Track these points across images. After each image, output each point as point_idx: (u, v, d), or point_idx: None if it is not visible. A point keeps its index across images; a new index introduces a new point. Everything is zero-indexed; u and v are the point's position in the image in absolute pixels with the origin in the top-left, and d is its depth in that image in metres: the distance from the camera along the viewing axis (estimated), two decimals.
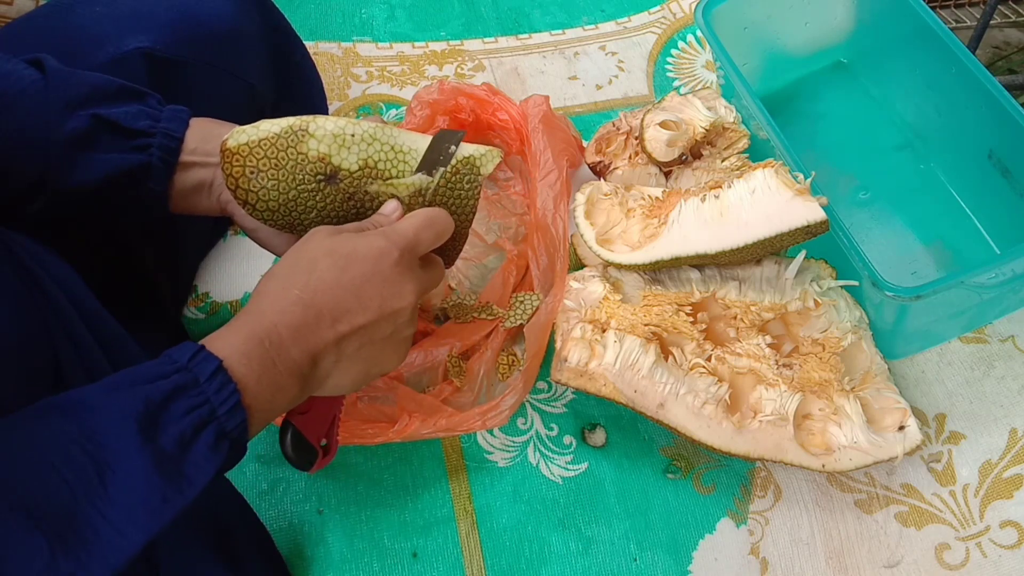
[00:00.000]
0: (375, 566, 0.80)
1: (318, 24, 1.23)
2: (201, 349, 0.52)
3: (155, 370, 0.50)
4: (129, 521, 0.46)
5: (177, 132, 0.67)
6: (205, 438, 0.50)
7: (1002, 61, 1.40)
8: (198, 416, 0.50)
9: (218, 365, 0.51)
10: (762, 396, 0.81)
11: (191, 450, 0.49)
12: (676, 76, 1.21)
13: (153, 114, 0.67)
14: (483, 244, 1.00)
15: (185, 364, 0.51)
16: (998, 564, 0.82)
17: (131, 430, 0.47)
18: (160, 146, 0.66)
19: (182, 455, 0.49)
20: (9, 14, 0.97)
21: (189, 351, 0.51)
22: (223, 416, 0.51)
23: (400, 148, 0.68)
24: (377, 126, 0.67)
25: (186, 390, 0.50)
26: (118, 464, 0.46)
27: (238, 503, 0.77)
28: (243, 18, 0.86)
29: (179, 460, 0.49)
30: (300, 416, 0.64)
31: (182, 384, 0.50)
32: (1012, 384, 0.92)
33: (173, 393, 0.49)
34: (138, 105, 0.67)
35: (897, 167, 1.06)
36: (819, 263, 0.89)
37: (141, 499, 0.47)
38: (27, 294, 0.57)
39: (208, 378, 0.51)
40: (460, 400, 0.86)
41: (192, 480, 0.49)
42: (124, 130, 0.65)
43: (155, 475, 0.47)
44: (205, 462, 0.50)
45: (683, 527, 0.83)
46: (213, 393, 0.51)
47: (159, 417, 0.48)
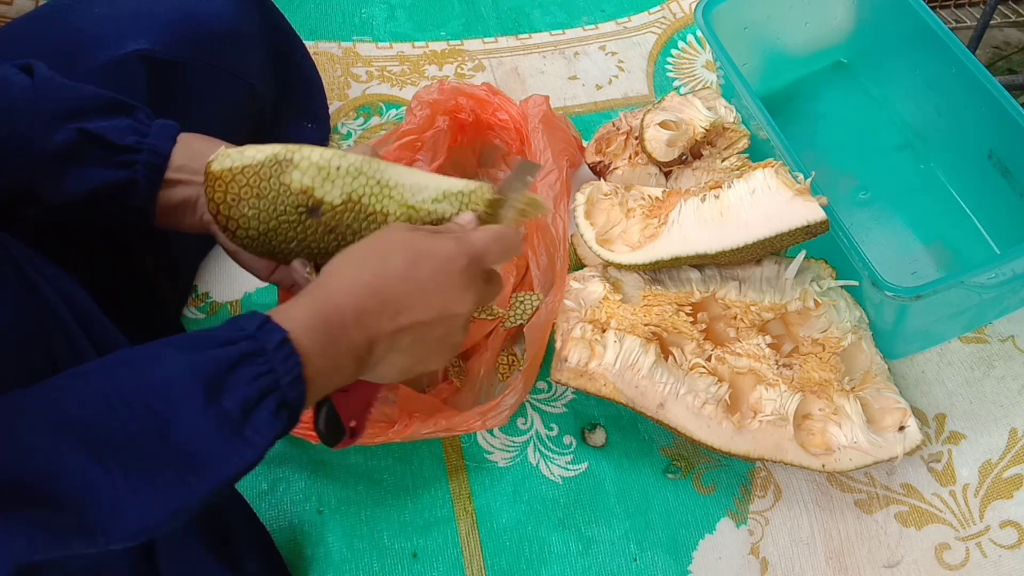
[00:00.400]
0: (375, 566, 0.80)
1: (318, 24, 1.23)
2: (268, 320, 0.53)
3: (224, 335, 0.52)
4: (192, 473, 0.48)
5: (163, 149, 0.66)
6: (267, 405, 0.51)
7: (1002, 61, 1.40)
8: (263, 383, 0.51)
9: (285, 336, 0.52)
10: (762, 396, 0.81)
11: (253, 416, 0.50)
12: (676, 76, 1.21)
13: (141, 129, 0.66)
14: None
15: (253, 332, 0.52)
16: (998, 564, 0.82)
17: (198, 390, 0.48)
18: (146, 163, 0.66)
19: (244, 419, 0.50)
20: (9, 14, 0.97)
21: (257, 320, 0.53)
22: (286, 385, 0.52)
23: (386, 183, 0.66)
24: (364, 159, 0.66)
25: (253, 357, 0.51)
26: (181, 420, 0.48)
27: (238, 503, 0.77)
28: (243, 18, 0.86)
29: (241, 424, 0.50)
30: (340, 395, 0.64)
31: (249, 351, 0.51)
32: (1012, 384, 0.92)
33: (241, 359, 0.50)
34: (126, 119, 0.66)
35: (897, 167, 1.06)
36: (819, 263, 0.89)
37: (204, 456, 0.48)
38: (24, 297, 0.57)
39: (275, 348, 0.52)
40: (460, 400, 0.86)
41: (252, 443, 0.50)
42: (111, 145, 0.65)
43: (217, 436, 0.49)
44: (266, 428, 0.51)
45: (683, 527, 0.83)
46: (279, 363, 0.52)
47: (225, 380, 0.50)
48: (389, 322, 0.59)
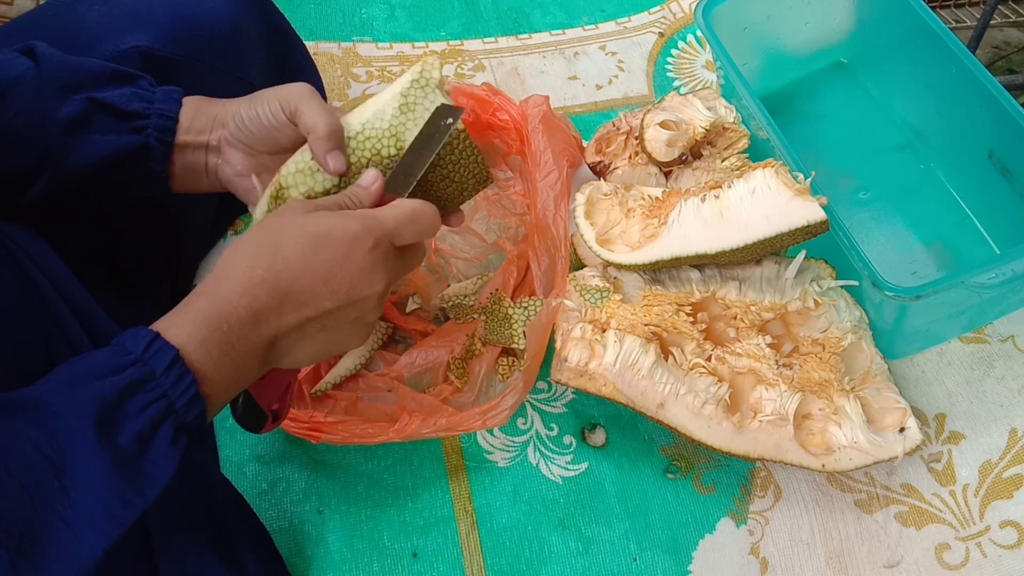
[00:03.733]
0: (375, 566, 0.80)
1: (318, 24, 1.23)
2: (156, 338, 0.49)
3: (109, 362, 0.48)
4: (90, 526, 0.45)
5: (172, 112, 0.67)
6: (164, 433, 0.48)
7: (1002, 61, 1.40)
8: (155, 411, 0.48)
9: (175, 356, 0.49)
10: (762, 396, 0.81)
11: (150, 447, 0.47)
12: (676, 76, 1.21)
13: (147, 96, 0.67)
14: (483, 244, 1.00)
15: (140, 356, 0.48)
16: (998, 564, 0.82)
17: (89, 431, 0.45)
18: (156, 127, 0.67)
19: (141, 453, 0.47)
20: (9, 14, 0.97)
21: (143, 340, 0.49)
22: (181, 409, 0.49)
23: (354, 135, 0.68)
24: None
25: (142, 385, 0.48)
26: (77, 467, 0.45)
27: (238, 503, 0.77)
28: (243, 18, 0.86)
29: (138, 459, 0.47)
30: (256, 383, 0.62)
31: (138, 379, 0.48)
32: (1012, 384, 0.92)
33: (129, 388, 0.47)
34: (131, 88, 0.67)
35: (897, 167, 1.06)
36: (819, 263, 0.89)
37: (102, 503, 0.45)
38: (23, 294, 0.56)
39: (165, 370, 0.48)
40: (460, 400, 0.86)
41: (153, 479, 0.47)
42: (120, 112, 0.65)
43: (115, 477, 0.45)
44: (165, 459, 0.48)
45: (683, 527, 0.83)
46: (171, 386, 0.48)
47: (116, 415, 0.46)
48: (292, 315, 0.55)
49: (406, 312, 0.94)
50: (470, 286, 0.94)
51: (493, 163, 1.05)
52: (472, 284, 0.94)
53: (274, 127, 0.68)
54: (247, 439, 0.86)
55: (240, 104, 0.69)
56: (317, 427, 0.79)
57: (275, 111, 0.68)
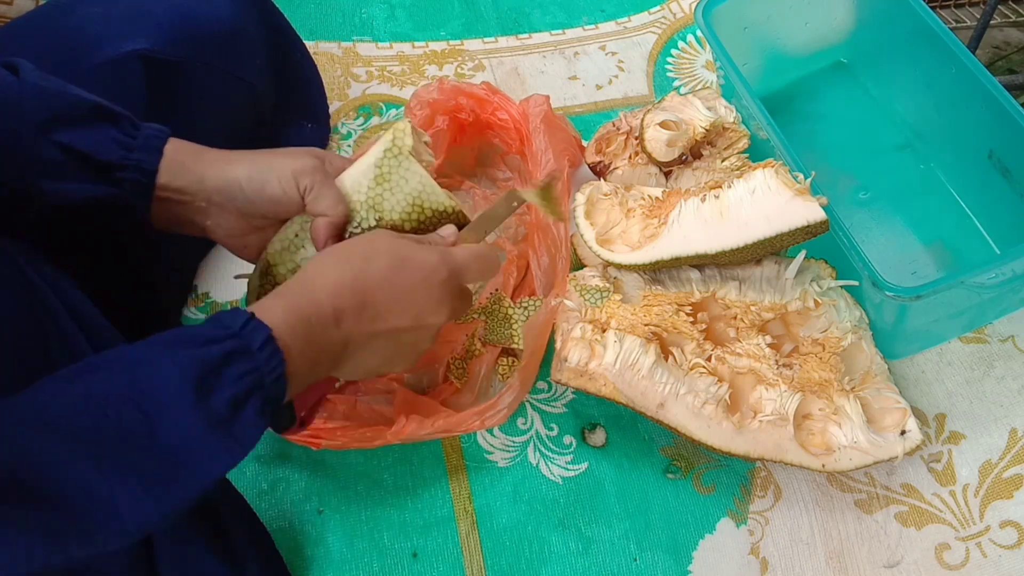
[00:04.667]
0: (375, 566, 0.80)
1: (318, 24, 1.23)
2: (253, 317, 0.53)
3: (209, 333, 0.51)
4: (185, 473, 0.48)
5: (150, 165, 0.64)
6: (254, 403, 0.51)
7: (1002, 61, 1.40)
8: (248, 382, 0.51)
9: (269, 334, 0.52)
10: (762, 396, 0.81)
11: (242, 413, 0.51)
12: (676, 76, 1.21)
13: (126, 142, 0.64)
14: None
15: (238, 330, 0.52)
16: (998, 564, 0.82)
17: (188, 388, 0.48)
18: (132, 180, 0.64)
19: (233, 418, 0.50)
20: (9, 14, 0.97)
21: (241, 318, 0.53)
22: (270, 383, 0.52)
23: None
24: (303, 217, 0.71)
25: (239, 356, 0.51)
26: (171, 420, 0.48)
27: (238, 503, 0.77)
28: (243, 18, 0.86)
29: (230, 422, 0.50)
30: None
31: (235, 350, 0.51)
32: (1012, 384, 0.92)
33: (227, 357, 0.51)
34: (112, 129, 0.64)
35: (897, 167, 1.06)
36: (819, 263, 0.89)
37: (195, 455, 0.49)
38: (22, 299, 0.56)
39: (260, 346, 0.52)
40: (460, 401, 0.86)
41: (241, 441, 0.51)
42: (95, 162, 0.63)
43: (209, 433, 0.49)
44: (253, 425, 0.52)
45: (683, 527, 0.83)
46: (263, 361, 0.52)
47: (213, 379, 0.50)
48: (368, 324, 0.59)
49: None
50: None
51: (492, 163, 1.05)
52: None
53: (280, 200, 0.68)
54: None
55: (238, 166, 0.67)
56: (317, 434, 0.79)
57: (288, 187, 0.68)
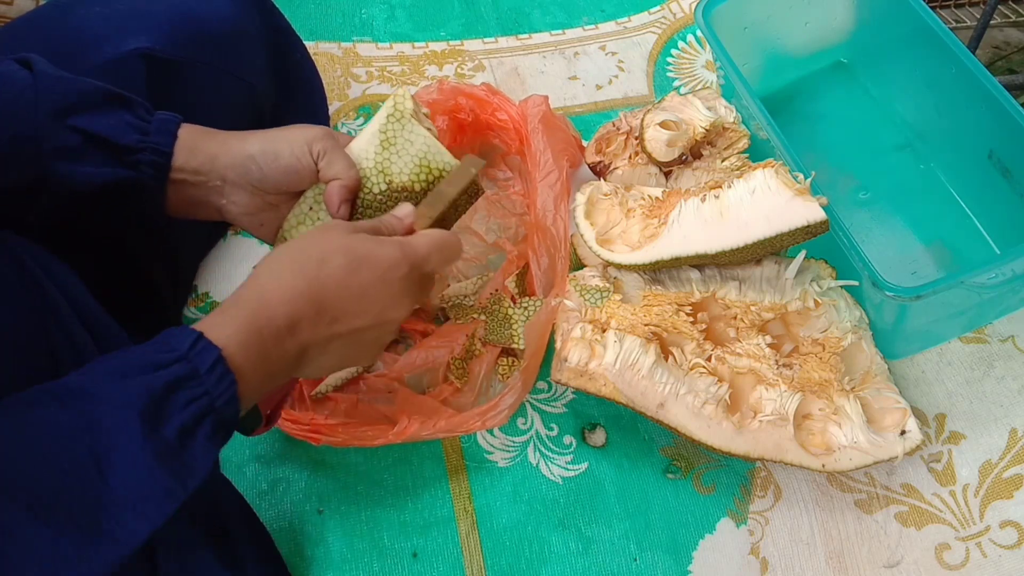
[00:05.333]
0: (375, 566, 0.80)
1: (318, 24, 1.23)
2: (200, 337, 0.51)
3: (154, 358, 0.50)
4: (134, 514, 0.46)
5: (166, 146, 0.65)
6: (204, 429, 0.50)
7: (1002, 61, 1.40)
8: (198, 407, 0.49)
9: (218, 355, 0.51)
10: (762, 396, 0.81)
11: (193, 442, 0.49)
12: (676, 76, 1.21)
13: (141, 126, 0.65)
14: (483, 244, 1.00)
15: (185, 353, 0.50)
16: (998, 564, 0.82)
17: (135, 422, 0.47)
18: (149, 162, 0.65)
19: (184, 447, 0.49)
20: (9, 14, 0.97)
21: (188, 339, 0.51)
22: (221, 407, 0.51)
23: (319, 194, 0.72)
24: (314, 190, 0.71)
25: (187, 381, 0.49)
26: (120, 456, 0.46)
27: (238, 503, 0.77)
28: (243, 18, 0.86)
29: (181, 452, 0.48)
30: None
31: (183, 375, 0.49)
32: (1012, 384, 0.92)
33: (175, 383, 0.49)
34: (127, 114, 0.65)
35: (897, 167, 1.06)
36: (819, 263, 0.89)
37: (146, 491, 0.47)
38: (27, 295, 0.56)
39: (209, 369, 0.50)
40: (460, 401, 0.86)
41: (193, 471, 0.49)
42: (112, 145, 0.64)
43: (157, 467, 0.47)
44: (205, 453, 0.50)
45: (683, 527, 0.83)
46: (213, 384, 0.50)
47: (161, 408, 0.48)
48: (325, 328, 0.58)
49: None
50: (470, 286, 0.94)
51: (492, 163, 1.05)
52: (472, 284, 0.94)
53: (295, 170, 0.68)
54: (247, 440, 0.86)
55: (249, 142, 0.68)
56: (317, 429, 0.79)
57: (301, 154, 0.68)
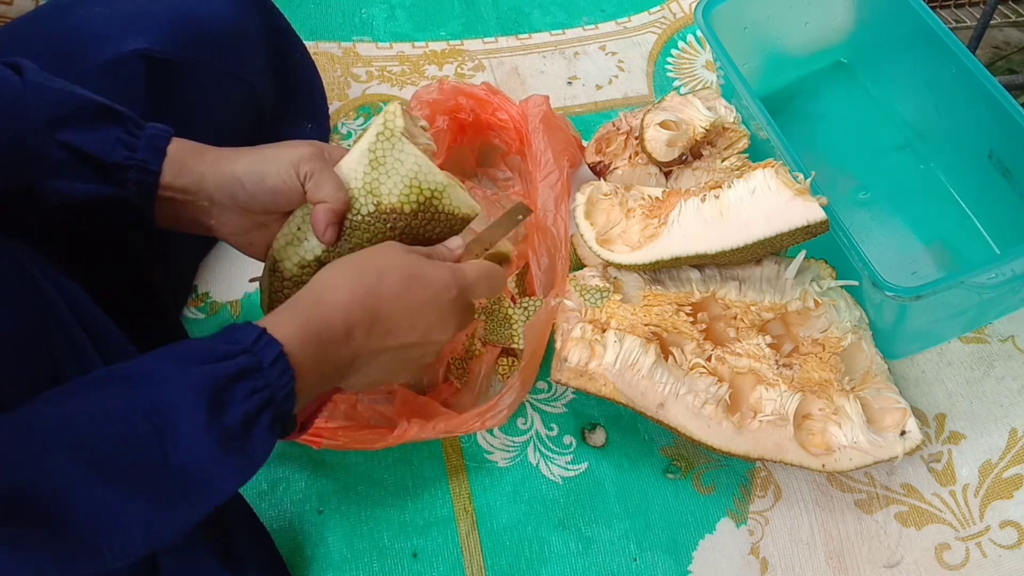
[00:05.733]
0: (375, 566, 0.80)
1: (318, 24, 1.23)
2: (264, 333, 0.53)
3: (221, 348, 0.51)
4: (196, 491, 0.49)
5: (153, 165, 0.65)
6: (264, 420, 0.51)
7: (1002, 61, 1.40)
8: (260, 398, 0.51)
9: (281, 351, 0.52)
10: (762, 396, 0.81)
11: (254, 430, 0.51)
12: (676, 76, 1.21)
13: (130, 142, 0.64)
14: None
15: (250, 346, 0.52)
16: (998, 564, 0.82)
17: (201, 407, 0.48)
18: (136, 180, 0.64)
19: (246, 435, 0.50)
20: (9, 14, 0.97)
21: (253, 333, 0.53)
22: (281, 400, 0.53)
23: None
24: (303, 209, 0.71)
25: (251, 373, 0.51)
26: (183, 437, 0.48)
27: (238, 503, 0.77)
28: (243, 18, 0.86)
29: (242, 439, 0.50)
30: None
31: (247, 366, 0.51)
32: (1012, 384, 0.92)
33: (239, 374, 0.51)
34: (116, 129, 0.64)
35: (897, 167, 1.06)
36: (819, 263, 0.89)
37: (208, 472, 0.49)
38: (26, 296, 0.56)
39: (272, 363, 0.52)
40: (460, 401, 0.86)
41: (253, 458, 0.51)
42: (99, 163, 0.63)
43: (221, 451, 0.49)
44: (264, 442, 0.52)
45: (683, 527, 0.83)
46: (275, 378, 0.52)
47: (225, 396, 0.50)
48: (377, 340, 0.60)
49: None
50: None
51: (492, 163, 1.05)
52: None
53: (280, 191, 0.67)
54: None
55: (237, 162, 0.67)
56: (318, 433, 0.79)
57: (288, 176, 0.67)
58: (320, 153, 0.69)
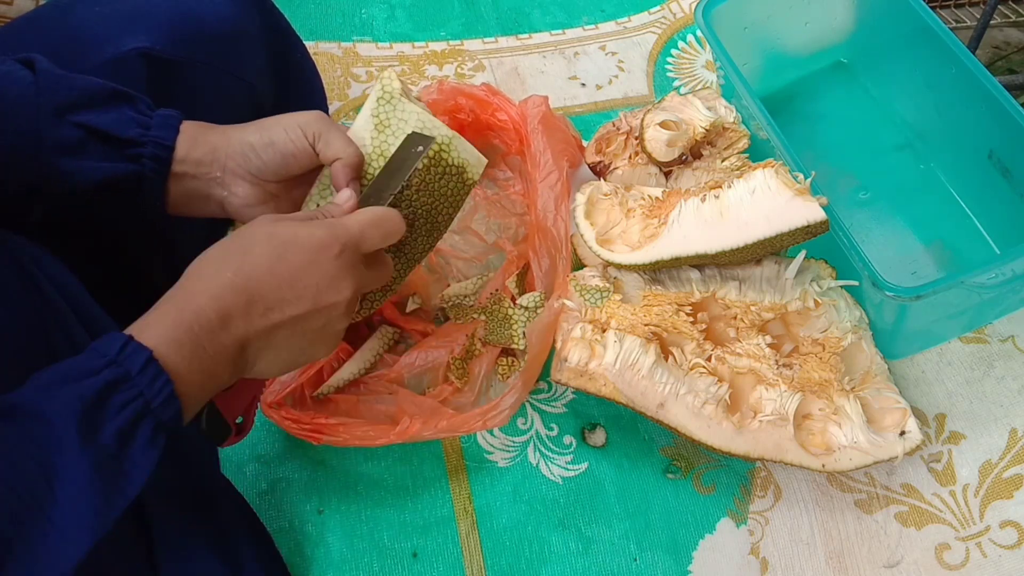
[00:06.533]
0: (375, 566, 0.80)
1: (318, 24, 1.23)
2: (129, 340, 0.50)
3: (85, 365, 0.49)
4: (76, 525, 0.45)
5: (167, 140, 0.65)
6: (143, 432, 0.49)
7: (1002, 61, 1.40)
8: (133, 410, 0.48)
9: (148, 356, 0.49)
10: (762, 396, 0.81)
11: (131, 445, 0.48)
12: (676, 76, 1.21)
13: (143, 121, 0.65)
14: (483, 244, 1.00)
15: (115, 357, 0.49)
16: (998, 564, 0.82)
17: (72, 432, 0.46)
18: (151, 156, 0.65)
19: (122, 451, 0.48)
20: (9, 14, 0.97)
21: (117, 343, 0.50)
22: (158, 408, 0.50)
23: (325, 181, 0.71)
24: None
25: (119, 384, 0.48)
26: (63, 469, 0.45)
27: (238, 503, 0.77)
28: (243, 18, 0.86)
29: (119, 457, 0.48)
30: (222, 393, 0.62)
31: (114, 379, 0.48)
32: (1012, 384, 0.92)
33: (107, 388, 0.48)
34: (128, 110, 0.65)
35: (897, 167, 1.06)
36: (819, 263, 0.89)
37: (86, 502, 0.46)
38: (26, 296, 0.56)
39: (140, 370, 0.49)
40: (460, 401, 0.86)
41: (132, 478, 0.48)
42: (114, 139, 0.64)
43: (96, 476, 0.46)
44: (144, 457, 0.49)
45: (683, 527, 0.83)
46: (146, 385, 0.49)
47: (96, 415, 0.47)
48: (260, 319, 0.56)
49: (406, 312, 0.94)
50: (470, 286, 0.94)
51: (492, 163, 1.05)
52: (472, 284, 0.94)
53: (291, 153, 0.67)
54: (247, 440, 0.86)
55: (247, 132, 0.68)
56: (318, 428, 0.79)
57: (296, 137, 0.67)
58: (324, 116, 0.70)
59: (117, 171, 0.64)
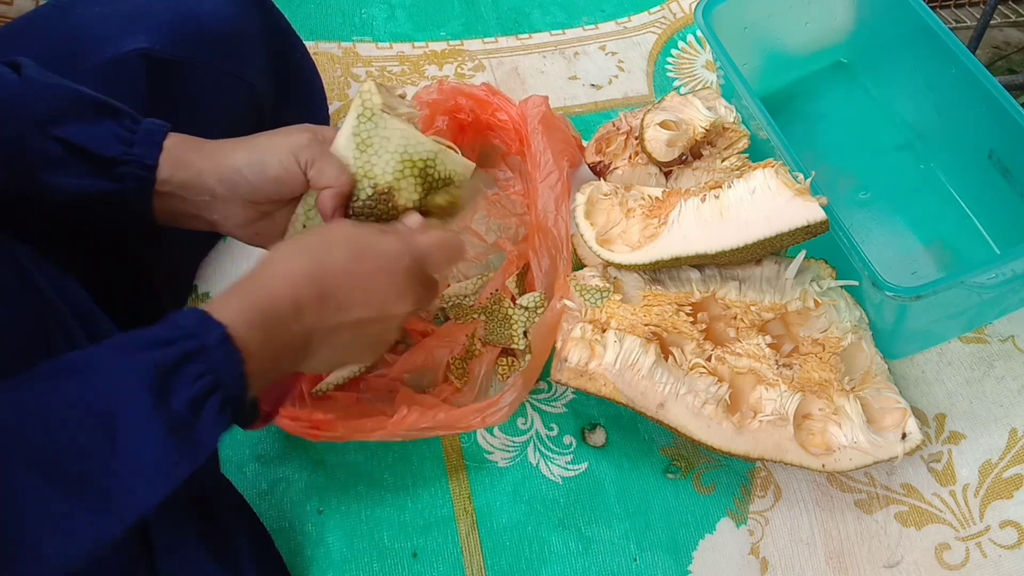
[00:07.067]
0: (375, 566, 0.80)
1: (318, 24, 1.23)
2: (207, 315, 0.51)
3: (164, 334, 0.50)
4: (143, 483, 0.47)
5: (150, 159, 0.64)
6: (212, 404, 0.50)
7: (1002, 61, 1.40)
8: (206, 382, 0.50)
9: (224, 331, 0.51)
10: (762, 396, 0.81)
11: (201, 415, 0.50)
12: (676, 76, 1.21)
13: (126, 137, 0.64)
14: (483, 244, 1.00)
15: (192, 330, 0.50)
16: (998, 564, 0.82)
17: (144, 393, 0.47)
18: (132, 175, 0.64)
19: (193, 420, 0.49)
20: (9, 14, 0.97)
21: (195, 316, 0.51)
22: (229, 383, 0.51)
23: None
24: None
25: (195, 356, 0.50)
26: (130, 426, 0.47)
27: (238, 503, 0.77)
28: (243, 18, 0.86)
29: (190, 425, 0.49)
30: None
31: (191, 350, 0.50)
32: (1012, 384, 0.92)
33: (183, 358, 0.49)
34: (113, 124, 0.63)
35: (897, 167, 1.06)
36: (819, 263, 0.89)
37: (154, 462, 0.47)
38: (25, 297, 0.56)
39: (216, 345, 0.51)
40: (460, 400, 0.86)
41: (202, 444, 0.50)
42: (95, 158, 0.63)
43: (168, 439, 0.48)
44: (213, 427, 0.50)
45: (683, 527, 0.83)
46: (220, 360, 0.51)
47: (170, 382, 0.49)
48: (330, 316, 0.58)
49: None
50: (470, 286, 0.94)
51: (493, 163, 1.05)
52: (472, 284, 0.94)
53: (283, 179, 0.67)
54: (247, 439, 0.86)
55: (236, 153, 0.66)
56: (316, 424, 0.79)
57: (288, 164, 0.67)
58: (316, 137, 0.69)
59: (99, 188, 0.63)
